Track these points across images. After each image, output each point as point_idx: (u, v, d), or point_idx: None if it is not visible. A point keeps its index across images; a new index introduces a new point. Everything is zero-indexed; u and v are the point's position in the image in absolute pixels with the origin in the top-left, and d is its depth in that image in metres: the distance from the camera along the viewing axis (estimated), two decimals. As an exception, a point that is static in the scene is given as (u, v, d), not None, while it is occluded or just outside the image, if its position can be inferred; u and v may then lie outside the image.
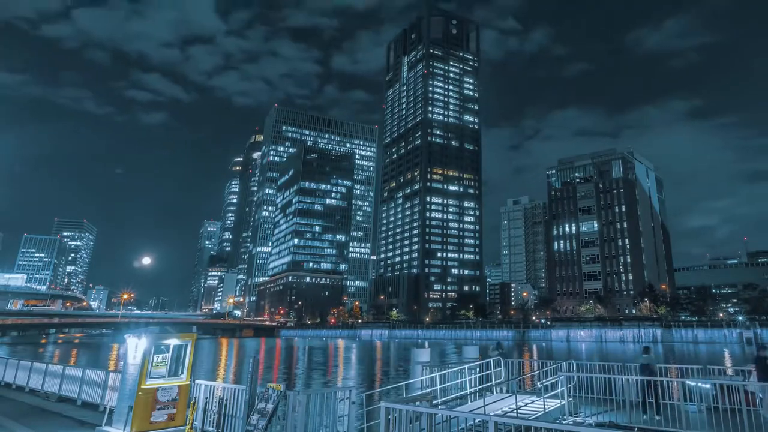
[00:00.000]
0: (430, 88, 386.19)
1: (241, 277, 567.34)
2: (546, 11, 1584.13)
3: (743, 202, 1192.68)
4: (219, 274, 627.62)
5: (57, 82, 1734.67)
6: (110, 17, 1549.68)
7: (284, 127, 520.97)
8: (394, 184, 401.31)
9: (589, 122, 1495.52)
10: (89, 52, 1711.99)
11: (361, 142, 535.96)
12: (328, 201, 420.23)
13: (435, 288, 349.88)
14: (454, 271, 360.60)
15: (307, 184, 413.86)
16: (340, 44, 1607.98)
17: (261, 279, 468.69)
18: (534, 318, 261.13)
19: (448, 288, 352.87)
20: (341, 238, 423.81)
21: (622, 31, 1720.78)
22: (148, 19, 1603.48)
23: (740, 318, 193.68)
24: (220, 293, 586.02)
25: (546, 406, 21.67)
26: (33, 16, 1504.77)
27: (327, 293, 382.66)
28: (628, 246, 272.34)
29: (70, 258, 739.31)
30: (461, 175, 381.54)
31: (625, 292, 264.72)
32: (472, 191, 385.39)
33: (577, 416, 22.53)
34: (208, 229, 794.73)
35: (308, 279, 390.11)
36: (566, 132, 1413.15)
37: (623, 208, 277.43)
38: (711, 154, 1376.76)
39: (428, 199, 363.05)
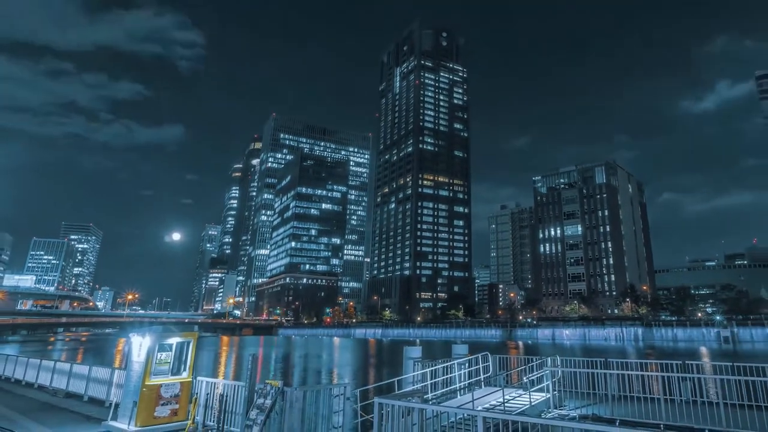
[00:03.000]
0: (422, 98, 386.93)
1: (240, 278, 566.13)
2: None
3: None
4: (219, 275, 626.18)
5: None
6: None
7: (282, 134, 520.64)
8: (387, 190, 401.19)
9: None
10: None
11: (356, 150, 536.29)
12: (324, 206, 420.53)
13: (426, 289, 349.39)
14: (445, 272, 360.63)
15: (304, 189, 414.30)
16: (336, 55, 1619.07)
17: (260, 280, 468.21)
18: (521, 317, 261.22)
19: (439, 289, 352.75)
20: (336, 241, 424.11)
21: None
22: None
23: (718, 317, 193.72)
24: (221, 294, 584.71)
25: (532, 400, 21.80)
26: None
27: (323, 294, 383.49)
28: (610, 248, 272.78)
29: (77, 260, 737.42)
30: (451, 181, 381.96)
31: (607, 293, 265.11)
32: (461, 196, 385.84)
33: (561, 409, 22.63)
34: (209, 232, 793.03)
35: (305, 280, 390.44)
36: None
37: (606, 213, 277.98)
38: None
39: (420, 203, 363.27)
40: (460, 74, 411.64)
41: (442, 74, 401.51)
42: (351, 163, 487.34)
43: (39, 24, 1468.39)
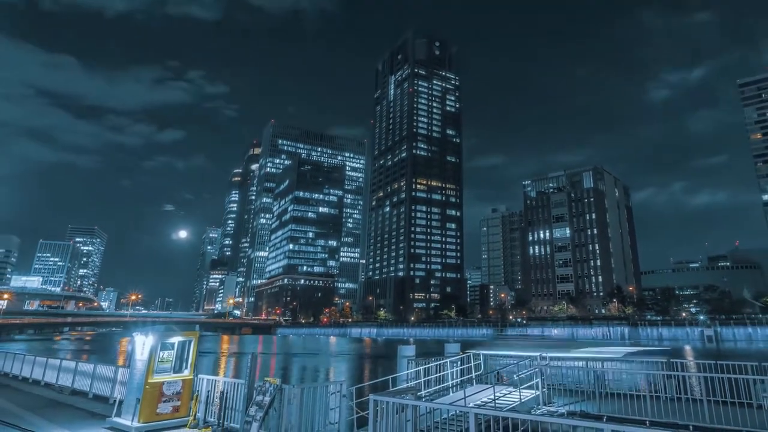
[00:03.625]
0: (415, 105, 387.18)
1: (240, 279, 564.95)
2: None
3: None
4: (220, 276, 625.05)
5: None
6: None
7: (280, 140, 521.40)
8: (382, 194, 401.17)
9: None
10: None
11: (352, 155, 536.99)
12: (321, 209, 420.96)
13: (420, 290, 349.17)
14: (438, 274, 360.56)
15: (301, 193, 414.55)
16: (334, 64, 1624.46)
17: (259, 281, 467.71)
18: (511, 317, 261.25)
19: (432, 289, 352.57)
20: (333, 243, 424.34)
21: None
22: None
23: (701, 317, 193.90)
24: (221, 294, 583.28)
25: (522, 397, 21.81)
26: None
27: (320, 294, 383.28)
28: (597, 251, 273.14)
29: (82, 262, 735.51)
30: (444, 185, 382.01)
31: (595, 294, 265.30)
32: (454, 200, 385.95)
33: (550, 406, 22.65)
34: (210, 235, 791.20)
35: (302, 281, 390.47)
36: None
37: (593, 216, 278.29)
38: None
39: (413, 207, 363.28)
40: (453, 82, 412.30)
41: (435, 82, 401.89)
42: (347, 167, 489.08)
43: (108, 93, 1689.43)
